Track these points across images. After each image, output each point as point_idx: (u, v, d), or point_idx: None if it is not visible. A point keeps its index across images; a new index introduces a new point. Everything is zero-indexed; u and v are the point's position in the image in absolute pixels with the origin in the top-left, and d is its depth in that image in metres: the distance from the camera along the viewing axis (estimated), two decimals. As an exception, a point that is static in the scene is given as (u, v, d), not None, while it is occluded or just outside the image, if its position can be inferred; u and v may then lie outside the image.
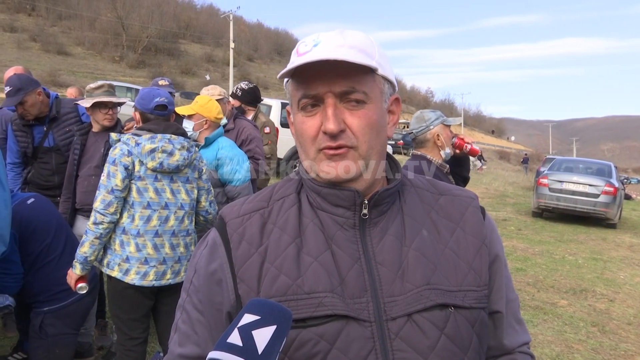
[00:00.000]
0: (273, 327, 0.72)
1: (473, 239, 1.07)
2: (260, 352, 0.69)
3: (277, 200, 1.07)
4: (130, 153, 2.86)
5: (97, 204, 2.82)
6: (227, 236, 1.02)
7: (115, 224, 2.88)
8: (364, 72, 0.96)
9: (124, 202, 2.88)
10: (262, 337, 0.71)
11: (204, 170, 3.19)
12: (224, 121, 4.46)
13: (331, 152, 0.97)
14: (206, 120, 3.65)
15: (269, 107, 13.96)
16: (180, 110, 3.68)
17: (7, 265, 2.85)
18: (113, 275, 2.90)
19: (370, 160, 1.00)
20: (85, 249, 2.84)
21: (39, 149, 4.01)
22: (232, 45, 45.95)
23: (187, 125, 3.61)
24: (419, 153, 3.29)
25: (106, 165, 2.89)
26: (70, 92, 6.64)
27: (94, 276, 3.24)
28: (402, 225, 1.04)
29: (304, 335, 0.92)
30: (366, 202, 1.02)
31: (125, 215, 2.89)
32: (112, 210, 2.82)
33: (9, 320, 4.00)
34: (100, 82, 3.83)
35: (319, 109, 0.97)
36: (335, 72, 0.94)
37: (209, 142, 3.62)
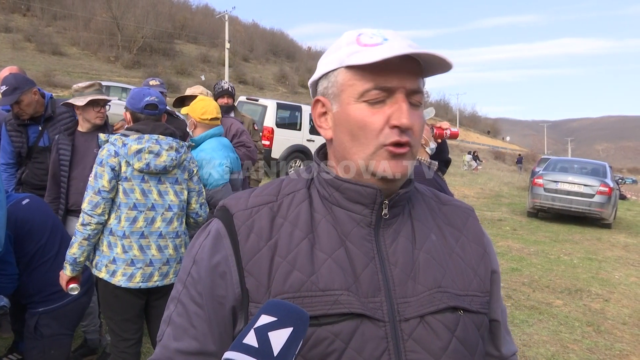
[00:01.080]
0: (290, 329, 0.71)
1: (476, 247, 1.09)
2: (276, 354, 0.68)
3: (286, 195, 1.04)
4: (117, 154, 2.84)
5: (85, 205, 2.81)
6: (234, 228, 0.99)
7: (103, 225, 2.87)
8: (422, 75, 0.98)
9: (112, 203, 2.87)
10: (279, 339, 0.70)
11: (195, 172, 3.14)
12: None
13: (397, 150, 0.96)
14: (192, 121, 3.64)
15: (265, 107, 13.94)
16: (183, 110, 3.72)
17: (2, 266, 2.84)
18: (101, 276, 2.88)
19: (414, 164, 1.02)
20: (74, 250, 2.82)
21: (33, 148, 3.99)
22: (227, 45, 45.86)
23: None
24: None
25: (94, 166, 2.87)
26: None
27: (89, 276, 3.23)
28: (412, 228, 1.04)
29: (319, 334, 0.90)
30: (387, 202, 1.01)
31: (112, 216, 2.87)
32: (99, 211, 2.81)
33: (4, 321, 3.98)
34: (89, 82, 3.82)
35: (384, 103, 0.96)
36: (406, 69, 0.95)
37: (196, 143, 3.59)
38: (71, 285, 2.89)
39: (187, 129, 3.62)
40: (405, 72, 0.95)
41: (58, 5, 60.30)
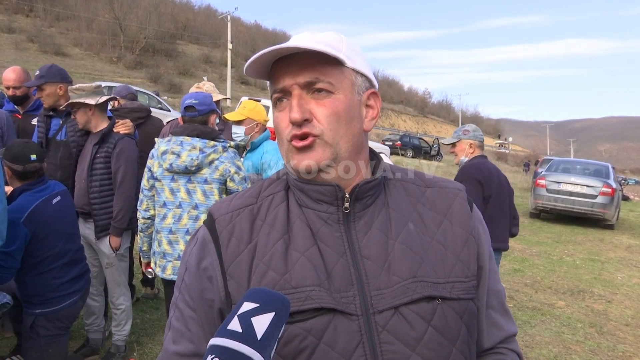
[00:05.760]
0: (272, 314, 0.74)
1: (460, 230, 1.07)
2: (259, 337, 0.71)
3: (266, 197, 1.08)
4: (152, 155, 3.16)
5: (138, 202, 3.26)
6: (217, 233, 1.03)
7: (151, 219, 3.26)
8: (330, 63, 0.99)
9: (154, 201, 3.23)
10: (261, 323, 0.73)
11: (233, 172, 3.16)
12: None
13: (300, 143, 0.98)
14: (257, 123, 3.75)
15: (267, 107, 13.96)
16: (229, 116, 3.78)
17: (4, 257, 2.84)
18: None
19: (341, 149, 1.01)
20: (138, 243, 3.36)
21: (51, 141, 4.02)
22: (229, 46, 45.89)
23: (238, 131, 3.71)
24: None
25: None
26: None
27: (86, 282, 3.27)
28: (388, 218, 1.04)
29: (291, 331, 0.93)
30: (347, 195, 1.02)
31: (155, 213, 3.24)
32: (143, 207, 3.24)
33: (6, 320, 3.98)
34: (76, 85, 3.77)
35: (288, 102, 1.00)
36: (300, 65, 0.98)
37: (254, 146, 3.72)
38: (148, 269, 3.38)
39: (241, 135, 3.73)
40: (298, 68, 0.98)
41: (61, 6, 60.43)
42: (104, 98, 3.68)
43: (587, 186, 12.85)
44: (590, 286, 7.29)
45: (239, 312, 0.74)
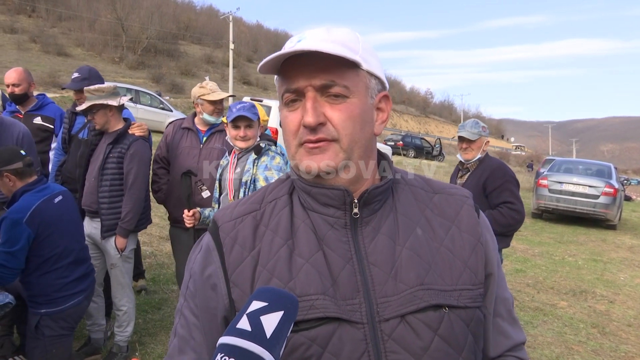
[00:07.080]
0: (280, 313, 0.74)
1: (468, 237, 1.05)
2: (268, 336, 0.71)
3: (269, 202, 1.06)
4: (286, 162, 3.15)
5: None
6: (220, 240, 1.01)
7: None
8: (346, 66, 0.95)
9: None
10: (270, 322, 0.73)
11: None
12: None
13: (311, 145, 0.96)
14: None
15: (269, 107, 13.98)
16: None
17: (8, 258, 2.85)
18: None
19: (353, 154, 0.99)
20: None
21: (73, 138, 4.09)
22: (231, 46, 45.85)
23: None
24: None
25: (275, 173, 3.09)
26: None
27: (91, 282, 3.27)
28: (396, 224, 1.02)
29: (296, 340, 0.91)
30: (356, 201, 1.01)
31: None
32: None
33: (6, 342, 3.89)
34: (96, 86, 3.78)
35: (300, 103, 0.97)
36: (315, 65, 0.95)
37: None
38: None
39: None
40: (313, 69, 0.95)
41: (63, 7, 60.48)
42: (125, 99, 3.69)
43: (590, 186, 12.83)
44: (593, 286, 7.28)
45: (248, 311, 0.74)
